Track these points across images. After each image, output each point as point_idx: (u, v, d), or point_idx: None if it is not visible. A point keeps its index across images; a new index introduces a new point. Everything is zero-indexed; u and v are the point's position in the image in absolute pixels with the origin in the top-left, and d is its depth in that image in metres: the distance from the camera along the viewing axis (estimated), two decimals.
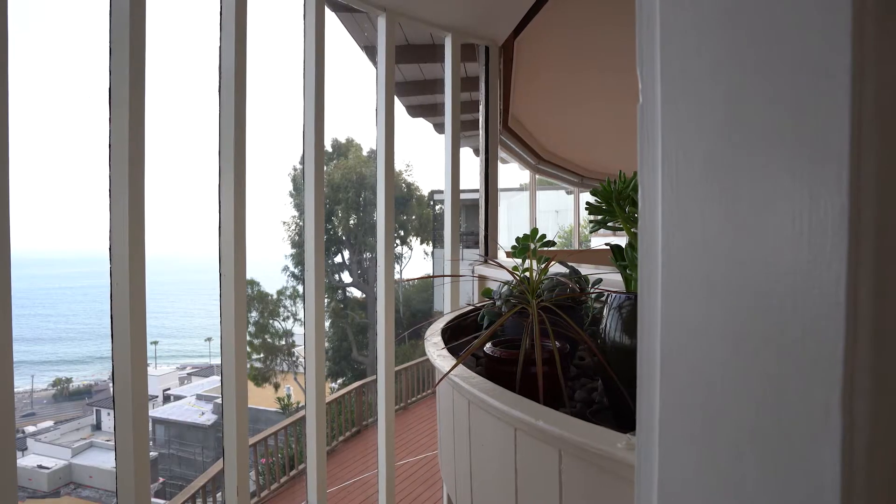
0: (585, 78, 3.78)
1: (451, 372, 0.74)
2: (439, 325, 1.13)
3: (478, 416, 0.67)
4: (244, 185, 1.73)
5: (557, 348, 0.78)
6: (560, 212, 13.99)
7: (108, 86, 1.40)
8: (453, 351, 0.97)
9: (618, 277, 1.04)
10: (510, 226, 12.70)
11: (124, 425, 1.42)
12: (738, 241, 0.30)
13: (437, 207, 16.90)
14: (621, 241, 0.89)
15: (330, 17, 2.13)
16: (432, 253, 15.48)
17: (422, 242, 17.77)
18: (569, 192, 9.54)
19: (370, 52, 3.05)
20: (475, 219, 2.83)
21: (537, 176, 6.89)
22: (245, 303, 1.74)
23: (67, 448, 17.69)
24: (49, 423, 20.15)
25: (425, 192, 17.93)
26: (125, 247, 1.39)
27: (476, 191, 2.77)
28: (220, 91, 1.71)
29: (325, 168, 2.07)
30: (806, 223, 0.27)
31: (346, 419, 7.10)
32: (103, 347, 32.34)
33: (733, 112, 0.30)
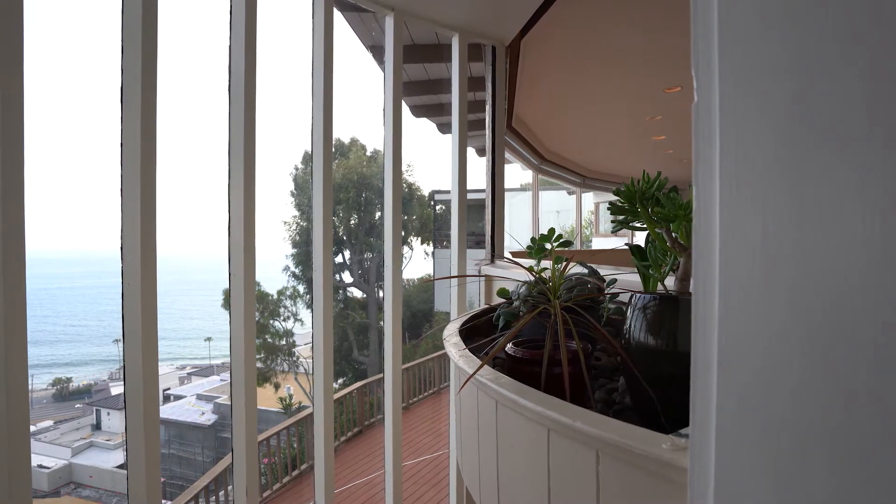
0: (589, 78, 3.78)
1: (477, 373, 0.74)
2: (455, 325, 1.12)
3: (506, 416, 0.66)
4: (253, 185, 1.73)
5: (581, 348, 0.78)
6: (561, 212, 13.99)
7: (120, 85, 1.39)
8: (472, 351, 0.96)
9: (631, 277, 1.04)
10: (511, 226, 12.66)
11: (136, 424, 1.41)
12: (804, 240, 0.29)
13: (437, 208, 16.89)
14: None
15: (335, 16, 2.12)
16: (433, 253, 15.46)
17: (422, 243, 17.76)
18: (570, 193, 9.54)
19: (376, 52, 3.04)
20: (476, 219, 2.82)
21: (539, 176, 6.89)
22: (254, 302, 1.74)
23: (67, 448, 17.65)
24: (49, 423, 20.11)
25: (426, 192, 17.93)
26: (137, 246, 1.39)
27: (478, 191, 2.75)
28: (229, 91, 1.70)
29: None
30: (878, 221, 0.27)
31: (347, 419, 7.10)
32: (102, 349, 32.29)
33: (799, 111, 0.29)
